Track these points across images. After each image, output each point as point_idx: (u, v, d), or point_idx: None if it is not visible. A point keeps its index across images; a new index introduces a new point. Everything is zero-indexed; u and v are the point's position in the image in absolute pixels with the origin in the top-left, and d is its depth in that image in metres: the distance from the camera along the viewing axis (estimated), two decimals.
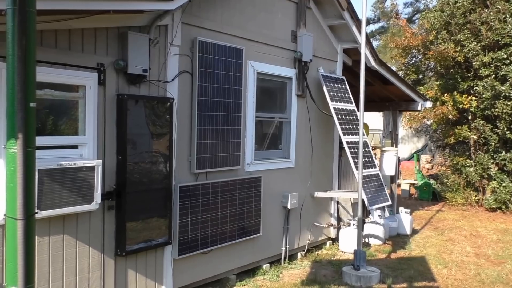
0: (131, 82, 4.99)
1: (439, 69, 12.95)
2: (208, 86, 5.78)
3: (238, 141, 6.26)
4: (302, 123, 7.57)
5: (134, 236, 5.00)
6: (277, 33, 6.97)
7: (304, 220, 7.70)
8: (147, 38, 5.01)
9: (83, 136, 4.61)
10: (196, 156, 5.71)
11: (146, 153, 5.08)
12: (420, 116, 13.29)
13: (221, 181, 6.04)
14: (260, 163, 6.78)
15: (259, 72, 6.66)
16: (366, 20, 7.58)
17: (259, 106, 6.75)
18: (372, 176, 7.67)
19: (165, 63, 5.34)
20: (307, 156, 7.70)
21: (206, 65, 5.75)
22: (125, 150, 4.87)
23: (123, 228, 4.92)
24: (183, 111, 5.59)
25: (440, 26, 12.68)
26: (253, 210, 6.55)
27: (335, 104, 7.62)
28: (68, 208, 4.25)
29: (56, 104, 4.47)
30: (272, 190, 7.00)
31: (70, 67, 4.46)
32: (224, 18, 6.09)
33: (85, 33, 4.59)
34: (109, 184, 4.86)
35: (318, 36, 7.82)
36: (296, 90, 7.34)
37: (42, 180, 4.02)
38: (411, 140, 22.63)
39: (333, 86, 7.80)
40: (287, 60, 7.18)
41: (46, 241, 4.36)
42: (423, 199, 13.65)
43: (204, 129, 5.77)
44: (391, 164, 9.59)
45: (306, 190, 7.70)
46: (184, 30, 5.52)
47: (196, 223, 5.74)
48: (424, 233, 9.64)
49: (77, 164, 4.27)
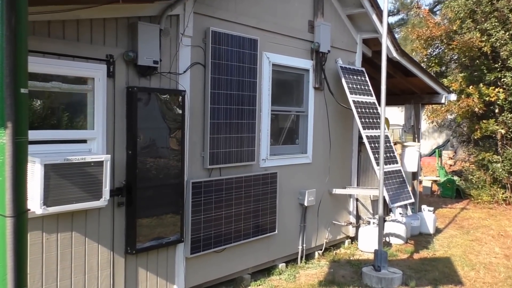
0: (142, 74, 4.81)
1: (464, 61, 12.49)
2: (221, 78, 5.57)
3: (252, 135, 6.05)
4: (320, 117, 7.31)
5: (144, 233, 4.84)
6: (293, 23, 6.71)
7: (322, 218, 7.45)
8: (157, 29, 4.82)
9: (91, 130, 4.46)
10: (209, 151, 5.52)
11: (157, 147, 4.91)
12: (443, 110, 12.86)
13: (235, 177, 5.83)
14: (275, 158, 6.55)
15: (274, 64, 6.42)
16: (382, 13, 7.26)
17: (275, 99, 6.52)
18: (393, 172, 7.37)
19: (177, 55, 5.15)
20: (325, 151, 7.44)
21: (220, 56, 5.54)
22: (135, 145, 4.70)
23: (134, 225, 4.76)
24: (195, 104, 5.40)
25: (464, 14, 12.20)
26: (268, 207, 6.34)
27: (355, 97, 7.34)
28: (75, 204, 4.10)
29: (64, 97, 4.32)
30: (288, 187, 6.77)
31: (79, 59, 4.31)
32: (238, 7, 5.87)
33: (94, 23, 4.42)
34: (119, 180, 4.70)
35: (336, 26, 7.54)
36: (313, 83, 7.08)
37: (49, 175, 3.87)
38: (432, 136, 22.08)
39: (352, 78, 7.52)
40: (303, 51, 6.92)
41: (54, 238, 4.23)
42: (446, 197, 13.22)
43: (217, 123, 5.57)
44: (413, 160, 9.27)
45: (324, 186, 7.45)
46: (196, 20, 5.31)
47: (209, 220, 5.55)
48: (448, 233, 9.29)
49: (84, 159, 4.11)
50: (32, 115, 4.07)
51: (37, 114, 4.13)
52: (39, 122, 4.13)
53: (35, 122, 4.09)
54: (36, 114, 4.12)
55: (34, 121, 4.09)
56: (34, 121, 4.08)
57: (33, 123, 4.07)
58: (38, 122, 4.12)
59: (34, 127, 4.07)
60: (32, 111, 4.08)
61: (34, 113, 4.10)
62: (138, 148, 4.72)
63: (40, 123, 4.14)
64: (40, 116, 4.14)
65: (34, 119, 4.09)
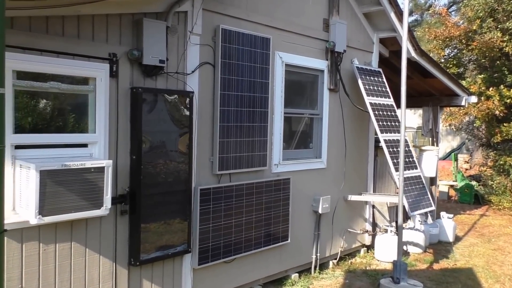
0: (147, 74, 4.53)
1: (483, 62, 12.05)
2: (231, 79, 5.27)
3: (264, 139, 5.73)
4: (335, 120, 6.97)
5: (149, 244, 4.55)
6: (308, 21, 6.39)
7: (337, 226, 7.10)
8: (164, 26, 4.53)
9: (93, 134, 4.18)
10: (219, 156, 5.21)
11: (163, 152, 4.61)
12: (461, 113, 12.43)
13: (245, 183, 5.52)
14: (288, 163, 6.22)
15: (287, 64, 6.10)
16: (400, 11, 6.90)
17: (288, 101, 6.20)
18: (413, 178, 7.00)
19: (185, 54, 4.86)
20: (340, 156, 7.10)
21: (230, 56, 5.24)
22: (139, 149, 4.42)
23: (137, 235, 4.47)
24: (204, 106, 5.10)
25: (485, 13, 11.76)
26: (280, 215, 6.01)
27: (371, 98, 6.99)
28: (74, 214, 3.81)
29: (63, 98, 4.04)
30: (301, 193, 6.44)
31: (79, 58, 4.03)
32: (250, 4, 5.56)
33: (96, 20, 4.14)
34: (122, 187, 4.41)
35: (352, 24, 7.20)
36: (328, 84, 6.75)
37: (45, 182, 3.59)
38: (446, 138, 21.60)
39: (368, 79, 7.17)
40: (318, 51, 6.59)
41: (52, 249, 3.95)
42: (464, 202, 12.75)
43: (227, 126, 5.27)
44: (431, 165, 8.87)
45: (339, 193, 7.10)
46: (205, 18, 5.02)
47: (218, 229, 5.24)
48: (469, 241, 8.88)
49: (84, 165, 3.82)
50: (28, 118, 3.79)
51: (34, 117, 3.85)
52: (36, 125, 3.85)
53: (31, 125, 3.81)
54: (33, 117, 3.84)
55: (31, 124, 3.81)
56: (30, 124, 3.80)
57: (30, 126, 3.80)
58: (35, 125, 3.84)
59: (31, 131, 3.80)
60: (28, 113, 3.80)
61: (30, 116, 3.82)
62: (142, 153, 4.43)
63: (37, 126, 3.86)
64: (37, 119, 3.86)
65: (30, 121, 3.81)
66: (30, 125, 3.80)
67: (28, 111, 3.79)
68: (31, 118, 3.81)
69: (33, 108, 3.83)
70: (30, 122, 3.80)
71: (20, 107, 3.73)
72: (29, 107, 3.80)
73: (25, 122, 3.77)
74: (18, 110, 3.71)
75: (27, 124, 3.78)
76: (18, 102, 3.70)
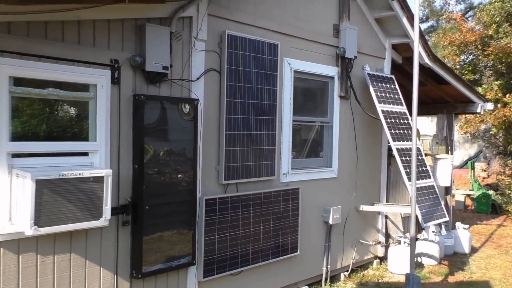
0: (150, 81, 4.41)
1: (500, 68, 11.76)
2: (238, 86, 5.13)
3: (272, 148, 5.57)
4: (346, 128, 6.79)
5: (152, 255, 4.40)
6: (317, 27, 6.23)
7: (348, 237, 6.89)
8: (168, 32, 4.41)
9: (93, 142, 4.06)
10: (225, 165, 5.06)
11: (166, 161, 4.47)
12: (477, 120, 12.13)
13: (253, 193, 5.36)
14: (298, 172, 6.05)
15: (296, 71, 5.94)
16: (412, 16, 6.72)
17: (297, 108, 6.04)
18: (426, 188, 6.77)
19: (189, 60, 4.73)
20: (351, 165, 6.90)
21: (236, 62, 5.10)
22: (142, 158, 4.29)
23: (140, 246, 4.33)
24: (209, 114, 4.96)
25: (501, 18, 11.50)
26: (289, 225, 5.83)
27: (383, 106, 6.79)
28: (71, 225, 3.68)
29: (62, 105, 3.93)
30: (311, 203, 6.26)
31: (80, 64, 3.92)
32: (257, 10, 5.43)
33: (97, 25, 4.04)
34: (124, 197, 4.29)
35: (364, 30, 7.03)
36: (339, 91, 6.57)
37: (41, 192, 3.47)
38: (463, 146, 21.18)
39: (380, 86, 6.98)
40: (328, 57, 6.43)
41: (51, 260, 3.83)
42: (481, 212, 12.41)
43: (233, 134, 5.12)
44: (446, 174, 8.62)
45: (350, 203, 6.90)
46: (211, 23, 4.89)
47: (224, 240, 5.08)
48: (485, 252, 8.59)
49: (82, 174, 3.69)
50: (26, 125, 3.69)
51: (32, 125, 3.74)
52: (33, 133, 3.74)
53: (29, 133, 3.71)
54: (31, 125, 3.74)
55: (28, 132, 3.70)
56: (28, 132, 3.70)
57: (27, 134, 3.69)
58: (32, 133, 3.73)
59: (28, 139, 3.69)
60: (26, 121, 3.70)
61: (28, 123, 3.72)
62: (145, 162, 4.31)
63: (35, 134, 3.75)
64: (35, 126, 3.75)
65: (29, 129, 3.71)
66: (27, 133, 3.69)
67: (26, 119, 3.69)
68: (28, 125, 3.70)
69: (30, 115, 3.72)
70: (28, 130, 3.70)
71: (17, 114, 3.62)
72: (27, 114, 3.70)
73: (23, 130, 3.66)
74: (15, 118, 3.60)
75: (25, 132, 3.68)
76: (15, 109, 3.60)
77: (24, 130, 3.68)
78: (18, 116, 3.64)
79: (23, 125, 3.67)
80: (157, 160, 4.41)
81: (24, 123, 3.68)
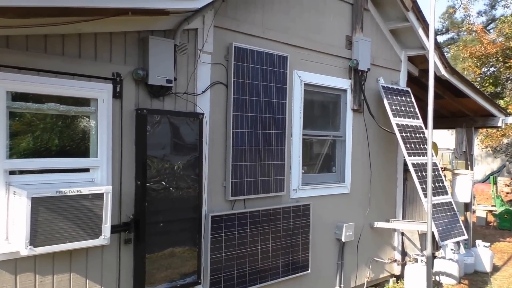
0: (154, 95, 4.30)
1: None
2: (245, 99, 4.99)
3: (282, 163, 5.40)
4: (359, 142, 6.58)
5: (156, 275, 4.26)
6: (329, 38, 6.08)
7: (362, 255, 6.64)
8: (172, 44, 4.31)
9: (94, 158, 3.95)
10: (232, 181, 4.91)
11: (170, 177, 4.35)
12: (498, 134, 11.76)
13: (261, 210, 5.19)
14: (308, 188, 5.86)
15: (307, 83, 5.78)
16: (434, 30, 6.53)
17: (308, 122, 5.87)
18: (443, 205, 6.50)
19: (195, 73, 4.62)
20: (365, 180, 6.68)
21: (244, 75, 4.97)
22: (144, 174, 4.17)
23: (143, 265, 4.19)
24: (216, 128, 4.83)
25: None
26: (300, 243, 5.63)
27: (398, 119, 6.57)
28: (69, 244, 3.56)
29: (62, 121, 3.83)
30: (323, 220, 6.05)
31: (80, 78, 3.83)
32: (266, 21, 5.31)
33: (99, 38, 3.96)
34: (126, 214, 4.16)
35: (378, 41, 6.84)
36: (352, 104, 6.38)
37: (37, 210, 3.36)
38: (485, 160, 20.62)
39: (395, 99, 6.77)
40: (340, 70, 6.26)
41: (49, 280, 3.73)
42: (503, 229, 11.97)
43: (241, 149, 4.97)
44: (465, 190, 8.30)
45: (364, 219, 6.66)
46: (217, 35, 4.78)
47: (231, 259, 4.91)
48: (508, 271, 8.22)
49: (81, 191, 3.58)
50: (24, 141, 3.60)
51: (30, 141, 3.65)
52: (32, 149, 3.65)
53: (27, 149, 3.62)
54: (29, 140, 3.65)
55: (26, 148, 3.61)
56: (26, 148, 3.61)
57: (25, 151, 3.60)
58: (31, 150, 3.64)
59: (26, 155, 3.60)
60: (24, 137, 3.61)
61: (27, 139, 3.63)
62: (148, 178, 4.18)
63: (34, 150, 3.66)
64: (34, 142, 3.66)
65: (27, 146, 3.62)
66: (25, 149, 3.60)
67: (24, 134, 3.60)
68: (26, 141, 3.61)
69: (29, 131, 3.63)
70: (26, 146, 3.61)
71: (15, 130, 3.54)
72: (25, 130, 3.61)
73: (20, 146, 3.58)
74: (12, 134, 3.52)
75: (23, 148, 3.59)
76: (13, 125, 3.52)
77: (22, 146, 3.59)
78: (16, 132, 3.55)
79: (20, 141, 3.58)
80: (161, 176, 4.28)
81: (22, 139, 3.59)
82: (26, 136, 3.61)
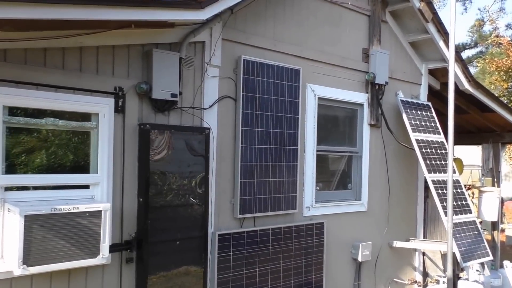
0: (158, 109, 4.19)
1: None
2: (255, 113, 4.83)
3: (294, 179, 5.20)
4: (377, 158, 6.32)
5: None
6: (344, 51, 5.88)
7: (380, 275, 6.34)
8: (177, 57, 4.20)
9: (94, 174, 3.85)
10: (240, 198, 4.73)
11: (174, 194, 4.20)
12: None
13: (272, 228, 5.00)
14: (322, 206, 5.63)
15: (320, 98, 5.59)
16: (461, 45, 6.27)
17: (322, 137, 5.66)
18: (466, 224, 6.16)
19: (201, 87, 4.49)
20: (383, 197, 6.40)
21: (253, 89, 4.82)
22: (147, 191, 4.04)
23: (145, 286, 4.04)
24: (224, 143, 4.68)
25: None
26: (313, 262, 5.40)
27: (418, 135, 6.30)
28: (65, 263, 3.43)
29: (61, 136, 3.74)
30: (338, 239, 5.80)
31: (80, 92, 3.74)
32: (277, 33, 5.15)
33: (101, 51, 3.88)
34: (128, 232, 4.03)
35: (396, 54, 6.60)
36: (369, 119, 6.15)
37: (30, 228, 3.26)
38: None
39: (415, 113, 6.50)
40: (356, 83, 6.04)
41: None
42: None
43: (250, 165, 4.80)
44: (492, 208, 7.90)
45: (382, 238, 6.37)
46: (225, 48, 4.65)
47: (240, 279, 4.72)
48: None
49: (77, 209, 3.46)
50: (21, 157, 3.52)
51: (28, 156, 3.56)
52: (29, 165, 3.56)
53: (24, 165, 3.53)
54: (27, 156, 3.56)
55: (24, 164, 3.53)
56: (23, 163, 3.52)
57: (22, 166, 3.51)
58: (28, 165, 3.55)
59: (23, 171, 3.51)
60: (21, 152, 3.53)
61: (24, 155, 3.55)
62: (150, 195, 4.05)
63: (32, 166, 3.57)
64: (32, 158, 3.58)
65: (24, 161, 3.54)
66: (22, 165, 3.52)
67: (21, 150, 3.52)
68: (24, 157, 3.52)
69: (26, 146, 3.55)
70: (23, 162, 3.52)
71: (12, 145, 3.46)
72: (22, 146, 3.53)
73: (17, 162, 3.49)
74: (9, 149, 3.44)
75: (20, 163, 3.50)
76: (10, 140, 3.44)
77: (19, 162, 3.51)
78: (13, 147, 3.47)
79: (17, 156, 3.50)
80: (164, 193, 4.14)
81: (19, 155, 3.51)
82: (22, 151, 3.53)
